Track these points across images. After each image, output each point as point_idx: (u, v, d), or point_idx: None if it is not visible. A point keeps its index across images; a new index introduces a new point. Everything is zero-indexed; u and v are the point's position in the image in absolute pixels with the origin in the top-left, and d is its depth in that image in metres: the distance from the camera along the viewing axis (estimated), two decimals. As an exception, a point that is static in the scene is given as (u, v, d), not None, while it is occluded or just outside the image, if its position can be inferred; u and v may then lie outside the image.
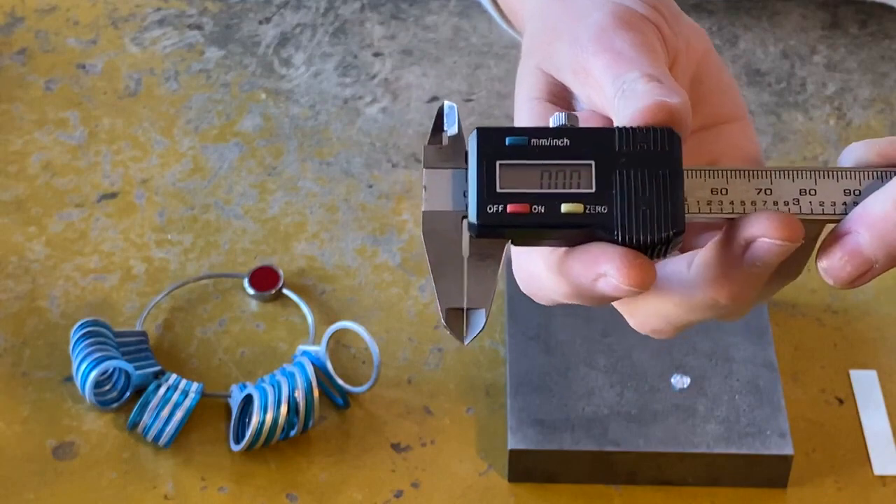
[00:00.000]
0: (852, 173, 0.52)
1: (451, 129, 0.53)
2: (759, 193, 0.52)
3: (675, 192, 0.51)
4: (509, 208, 0.51)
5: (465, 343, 0.52)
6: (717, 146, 0.58)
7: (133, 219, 0.96)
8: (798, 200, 0.52)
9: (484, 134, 0.52)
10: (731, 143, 0.57)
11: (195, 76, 1.06)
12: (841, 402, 0.87)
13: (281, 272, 0.92)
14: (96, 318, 0.87)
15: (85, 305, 0.90)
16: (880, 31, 1.10)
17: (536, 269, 0.55)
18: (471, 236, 0.52)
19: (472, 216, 0.51)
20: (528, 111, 0.58)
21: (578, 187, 0.51)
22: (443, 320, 0.52)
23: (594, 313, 0.87)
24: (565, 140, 0.52)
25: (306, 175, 0.99)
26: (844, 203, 0.52)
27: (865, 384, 0.87)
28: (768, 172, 0.52)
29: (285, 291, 0.91)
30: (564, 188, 0.51)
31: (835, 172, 0.52)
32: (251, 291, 0.91)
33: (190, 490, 0.82)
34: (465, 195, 0.52)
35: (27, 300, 0.90)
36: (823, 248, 0.52)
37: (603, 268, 0.51)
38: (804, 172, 0.52)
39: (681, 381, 0.84)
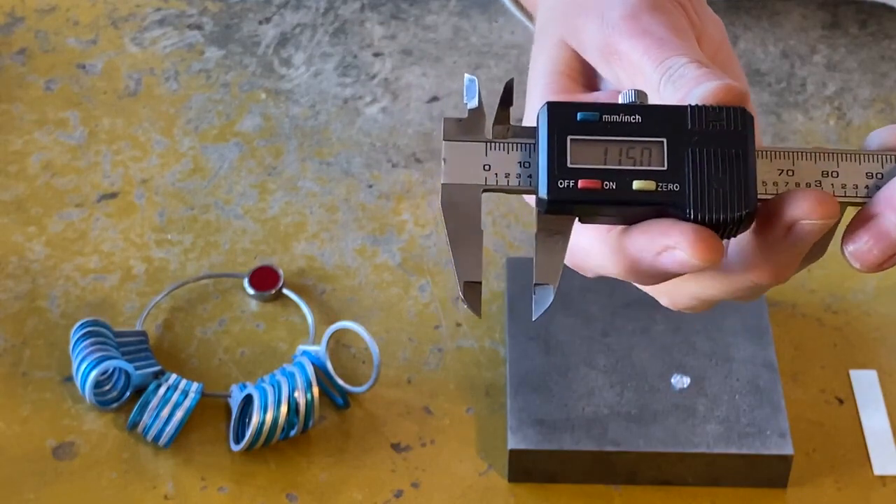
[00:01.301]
0: (875, 156, 0.52)
1: (471, 102, 0.53)
2: (780, 174, 0.52)
3: (747, 171, 0.51)
4: (580, 184, 0.51)
5: (534, 318, 0.52)
6: None
7: (133, 219, 0.96)
8: (820, 182, 0.52)
9: (554, 109, 0.52)
10: None
11: (195, 76, 1.06)
12: (841, 402, 0.87)
13: (281, 272, 0.92)
14: (96, 318, 0.87)
15: (85, 305, 0.90)
16: (880, 31, 1.10)
17: (585, 242, 0.54)
18: (538, 212, 0.51)
19: (543, 192, 0.51)
20: (546, 85, 0.58)
21: (650, 164, 0.51)
22: (460, 293, 0.51)
23: (594, 313, 0.87)
24: (637, 117, 0.51)
25: (306, 175, 0.99)
26: (867, 186, 0.52)
27: (865, 384, 0.87)
28: (790, 153, 0.52)
29: (285, 291, 0.91)
30: (636, 165, 0.51)
31: (857, 155, 0.52)
32: (251, 291, 0.91)
33: (190, 490, 0.82)
34: (484, 168, 0.52)
35: (27, 300, 0.90)
36: (849, 233, 0.52)
37: (673, 240, 0.50)
38: (827, 154, 0.52)
39: (681, 381, 0.84)
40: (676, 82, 0.53)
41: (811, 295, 0.92)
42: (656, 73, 0.54)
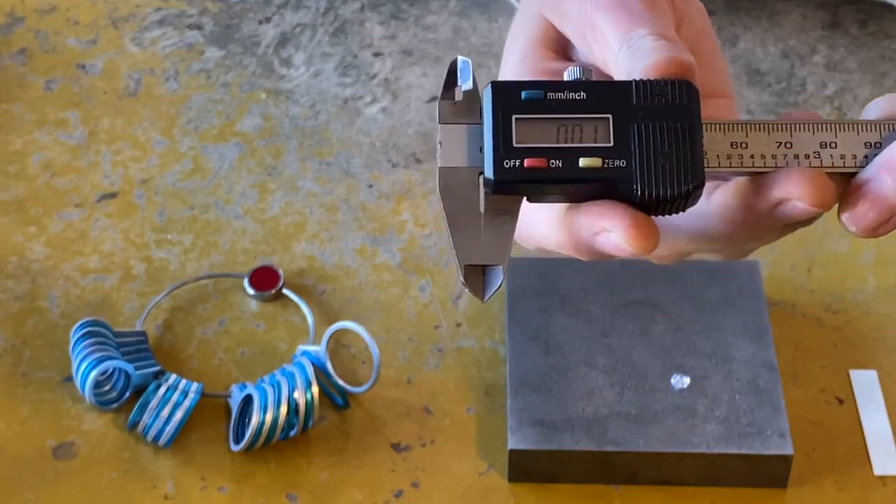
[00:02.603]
0: (872, 126, 0.52)
1: (465, 83, 0.53)
2: (779, 147, 0.52)
3: (694, 144, 0.50)
4: (526, 163, 0.50)
5: (484, 300, 0.52)
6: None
7: (133, 219, 0.96)
8: (819, 153, 0.52)
9: (499, 88, 0.51)
10: (717, 117, 0.57)
11: (195, 76, 1.06)
12: (841, 402, 0.87)
13: (281, 272, 0.92)
14: (96, 318, 0.87)
15: (85, 305, 0.90)
16: (880, 31, 1.10)
17: (536, 216, 0.54)
18: (486, 192, 0.51)
19: (489, 171, 0.51)
20: (519, 53, 0.57)
21: (596, 141, 0.51)
22: (461, 277, 0.51)
23: (594, 313, 0.87)
24: (581, 93, 0.51)
25: (306, 175, 0.99)
26: (865, 156, 0.52)
27: (865, 384, 0.87)
28: (788, 125, 0.52)
29: (285, 291, 0.91)
30: (582, 142, 0.51)
31: (855, 125, 0.52)
32: (251, 291, 0.91)
33: (190, 490, 0.82)
34: (481, 150, 0.52)
35: (27, 300, 0.90)
36: (845, 198, 0.52)
37: (609, 223, 0.50)
38: (824, 125, 0.52)
39: (681, 381, 0.84)
40: (634, 54, 0.53)
41: (811, 295, 0.92)
42: (618, 44, 0.54)
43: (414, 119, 1.03)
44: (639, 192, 0.50)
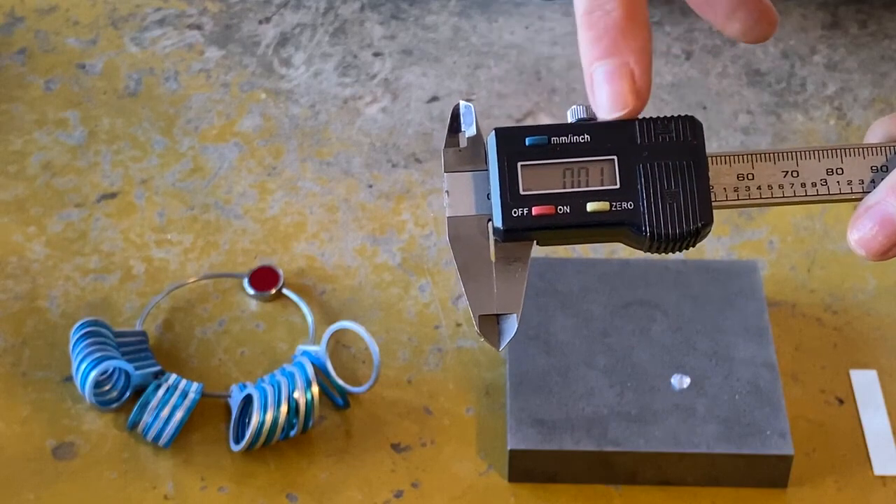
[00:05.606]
0: (878, 149, 0.52)
1: (468, 129, 0.53)
2: (785, 176, 0.52)
3: (700, 182, 0.50)
4: (534, 211, 0.51)
5: (500, 349, 0.52)
6: None
7: (133, 219, 0.96)
8: (826, 181, 0.52)
9: (503, 135, 0.52)
10: None
11: (195, 76, 1.06)
12: (841, 402, 0.87)
13: (281, 272, 0.92)
14: (96, 318, 0.87)
15: (85, 305, 0.90)
16: (880, 31, 1.10)
17: None
18: (496, 241, 0.51)
19: (498, 221, 0.51)
20: None
21: (602, 184, 0.51)
22: (476, 327, 0.51)
23: (594, 313, 0.87)
24: (585, 136, 0.51)
25: (306, 175, 0.99)
26: (872, 180, 0.52)
27: (865, 384, 0.87)
28: (794, 154, 0.52)
29: (285, 291, 0.91)
30: (589, 186, 0.51)
31: (861, 149, 0.52)
32: (251, 291, 0.91)
33: (190, 490, 0.82)
34: (488, 197, 0.52)
35: (27, 300, 0.90)
36: (853, 221, 0.52)
37: None
38: (830, 151, 0.52)
39: (681, 381, 0.84)
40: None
41: (811, 295, 0.92)
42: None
43: (414, 119, 1.03)
44: (647, 233, 0.50)
